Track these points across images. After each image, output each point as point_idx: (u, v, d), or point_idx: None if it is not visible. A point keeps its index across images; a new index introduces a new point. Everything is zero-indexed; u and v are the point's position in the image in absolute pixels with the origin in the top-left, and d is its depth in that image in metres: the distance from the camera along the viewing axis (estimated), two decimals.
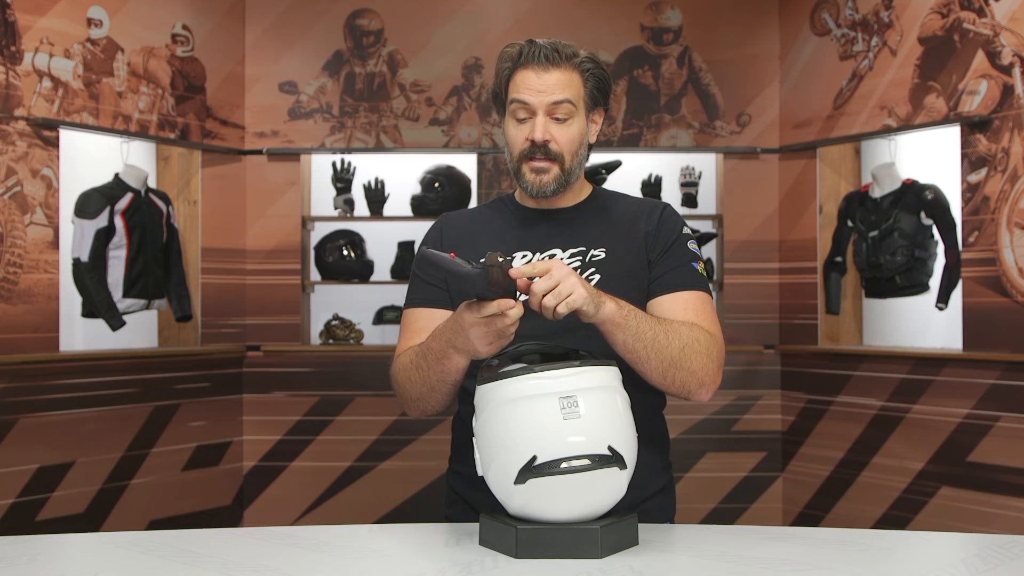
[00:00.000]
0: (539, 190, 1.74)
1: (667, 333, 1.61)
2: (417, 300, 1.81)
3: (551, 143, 1.71)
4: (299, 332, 4.69)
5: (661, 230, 1.78)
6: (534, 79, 1.70)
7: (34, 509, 3.80)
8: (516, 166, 1.75)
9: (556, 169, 1.72)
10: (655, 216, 1.80)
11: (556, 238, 1.77)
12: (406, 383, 1.71)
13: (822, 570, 1.37)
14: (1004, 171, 3.71)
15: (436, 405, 1.71)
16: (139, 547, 1.51)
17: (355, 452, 4.62)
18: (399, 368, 1.74)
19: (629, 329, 1.56)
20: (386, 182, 4.76)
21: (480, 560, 1.41)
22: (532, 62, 1.70)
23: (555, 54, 1.70)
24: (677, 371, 1.62)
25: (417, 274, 1.83)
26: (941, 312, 4.11)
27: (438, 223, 1.88)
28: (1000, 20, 3.73)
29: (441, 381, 1.64)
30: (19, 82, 3.78)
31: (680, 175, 4.82)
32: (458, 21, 4.74)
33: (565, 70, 1.71)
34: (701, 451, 4.63)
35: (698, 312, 1.71)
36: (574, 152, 1.74)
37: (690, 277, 1.74)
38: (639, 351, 1.58)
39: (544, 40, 1.72)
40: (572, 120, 1.72)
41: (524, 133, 1.72)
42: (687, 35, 4.76)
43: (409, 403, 1.74)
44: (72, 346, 4.14)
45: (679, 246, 1.77)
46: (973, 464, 3.81)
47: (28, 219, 3.78)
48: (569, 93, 1.71)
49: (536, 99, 1.70)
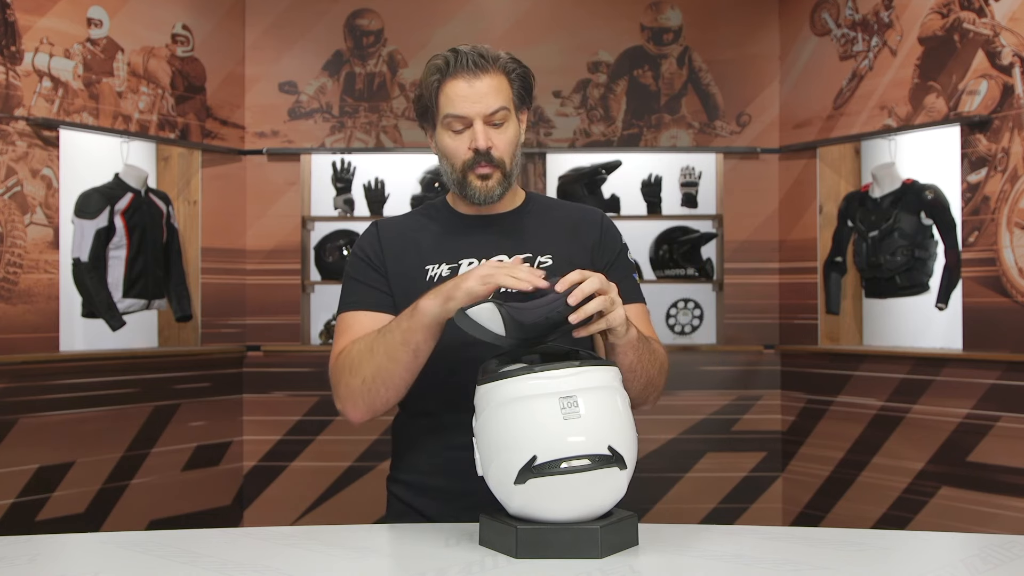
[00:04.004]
0: (486, 196, 1.73)
1: (652, 354, 1.66)
2: (356, 303, 1.75)
3: (492, 149, 1.71)
4: (299, 332, 4.69)
5: (605, 241, 1.81)
6: (466, 88, 1.68)
7: (34, 509, 3.80)
8: (460, 176, 1.73)
9: (499, 174, 1.72)
10: (597, 225, 1.82)
11: (501, 244, 1.76)
12: (351, 372, 1.63)
13: (822, 570, 1.37)
14: (1004, 171, 3.71)
15: (388, 387, 1.61)
16: (139, 547, 1.51)
17: (355, 452, 4.62)
18: (346, 355, 1.65)
19: (637, 352, 1.60)
20: (386, 182, 4.77)
21: (480, 560, 1.41)
22: (462, 71, 1.68)
23: (482, 60, 1.69)
24: (650, 388, 1.68)
25: (354, 277, 1.77)
26: (941, 312, 4.11)
27: (373, 228, 1.83)
28: (1000, 20, 3.73)
29: (403, 345, 1.56)
30: (19, 82, 3.78)
31: (680, 175, 4.82)
32: (458, 21, 4.74)
33: (493, 75, 1.70)
34: (701, 451, 4.63)
35: (646, 326, 1.76)
36: (512, 154, 1.74)
37: (633, 290, 1.78)
38: (637, 371, 1.62)
39: (468, 47, 1.71)
40: (507, 124, 1.72)
41: (465, 143, 1.71)
42: (687, 35, 4.76)
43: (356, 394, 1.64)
44: (72, 346, 4.14)
45: (622, 258, 1.81)
46: (973, 464, 3.81)
47: (28, 219, 3.78)
48: (501, 98, 1.70)
49: (472, 109, 1.68)
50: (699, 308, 4.84)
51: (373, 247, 1.79)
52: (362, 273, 1.77)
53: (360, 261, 1.78)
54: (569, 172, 4.74)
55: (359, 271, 1.77)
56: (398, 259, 1.76)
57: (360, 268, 1.78)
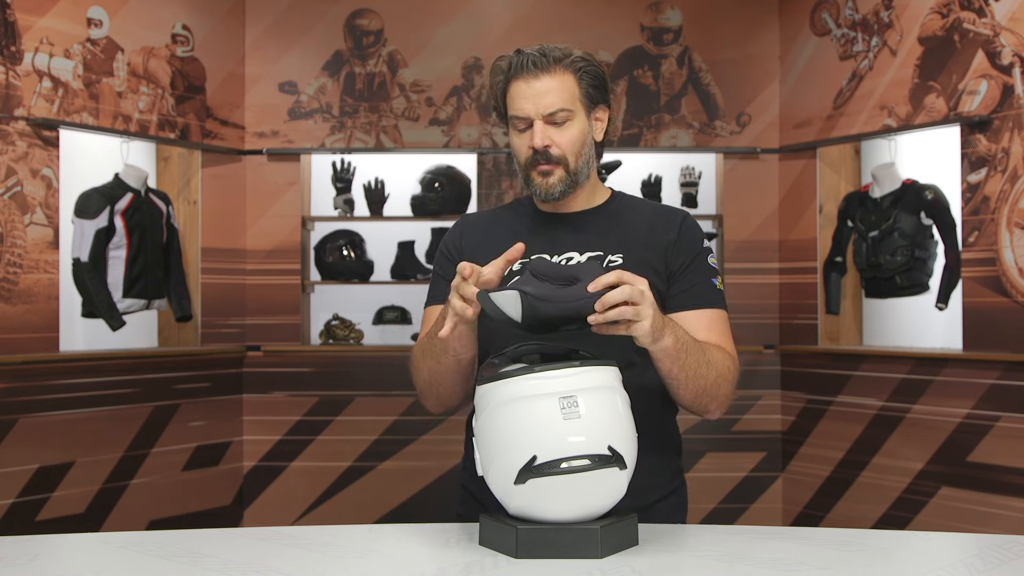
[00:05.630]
0: (547, 193, 1.75)
1: (708, 364, 1.62)
2: (437, 297, 1.82)
3: (552, 148, 1.72)
4: (299, 332, 4.69)
5: (683, 242, 1.77)
6: (526, 89, 1.71)
7: (34, 509, 3.80)
8: (525, 174, 1.77)
9: (561, 171, 1.73)
10: (675, 225, 1.79)
11: (573, 241, 1.78)
12: (416, 366, 1.75)
13: (822, 570, 1.37)
14: (1004, 171, 3.71)
15: (446, 388, 1.72)
16: (139, 547, 1.51)
17: (355, 452, 4.62)
18: (415, 352, 1.76)
19: (678, 362, 1.58)
20: (386, 182, 4.76)
21: (480, 560, 1.41)
22: (522, 72, 1.71)
23: (543, 59, 1.71)
24: (705, 397, 1.65)
25: (438, 272, 1.85)
26: (941, 312, 4.11)
27: (458, 224, 1.91)
28: (1000, 20, 3.73)
29: (444, 352, 1.64)
30: (19, 82, 3.78)
31: (680, 175, 4.82)
32: (458, 21, 4.74)
33: (556, 74, 1.71)
34: (701, 451, 4.63)
35: (720, 333, 1.73)
36: (577, 153, 1.74)
37: (712, 295, 1.75)
38: (680, 379, 1.60)
39: (532, 47, 1.73)
40: (571, 122, 1.73)
41: (526, 142, 1.74)
42: (687, 35, 4.76)
43: (422, 390, 1.76)
44: (72, 346, 4.14)
45: (701, 260, 1.77)
46: (973, 464, 3.81)
47: (28, 219, 3.78)
48: (562, 97, 1.71)
49: (531, 108, 1.71)
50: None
51: (455, 241, 1.86)
52: (442, 267, 1.84)
53: (442, 255, 1.86)
54: None
55: (440, 265, 1.85)
56: (476, 253, 1.77)
57: (442, 262, 1.85)
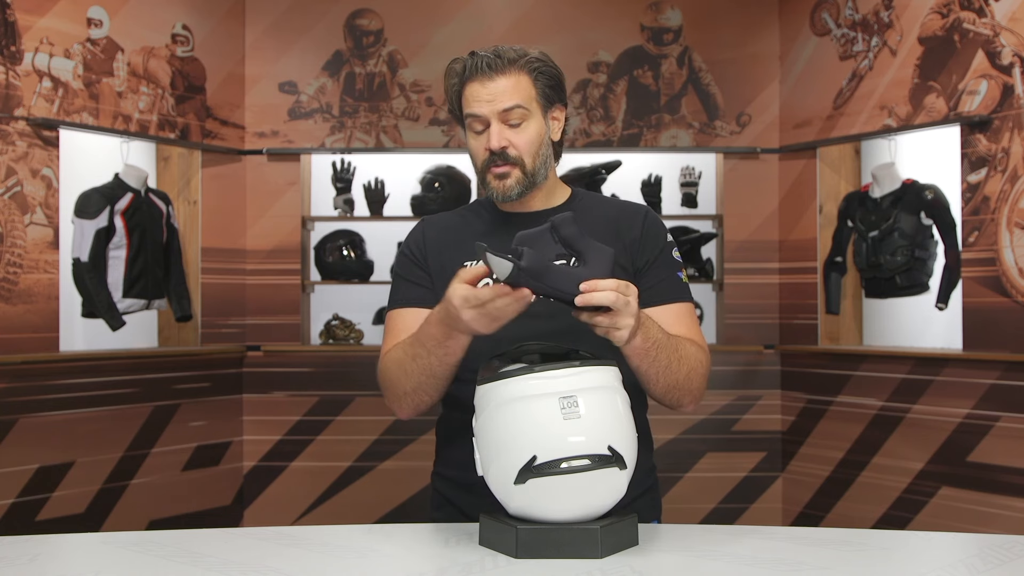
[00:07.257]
0: (504, 194, 1.75)
1: (679, 359, 1.62)
2: (402, 300, 1.79)
3: (508, 148, 1.72)
4: (299, 332, 4.69)
5: (647, 238, 1.78)
6: (481, 90, 1.71)
7: (34, 509, 3.80)
8: (481, 176, 1.77)
9: (518, 172, 1.73)
10: (638, 222, 1.80)
11: None
12: (400, 376, 1.67)
13: (822, 570, 1.37)
14: (1004, 171, 3.71)
15: (431, 395, 1.67)
16: (139, 547, 1.51)
17: (355, 452, 4.62)
18: (390, 362, 1.70)
19: (648, 358, 1.58)
20: (386, 182, 4.76)
21: (480, 560, 1.41)
22: (476, 73, 1.71)
23: (498, 60, 1.70)
24: (678, 391, 1.66)
25: (400, 274, 1.82)
26: (941, 312, 4.11)
27: (420, 226, 1.89)
28: (1000, 20, 3.73)
29: (441, 364, 1.60)
30: (19, 82, 3.78)
31: (680, 175, 4.82)
32: (458, 21, 4.74)
33: (511, 74, 1.71)
34: (701, 451, 4.63)
35: (689, 326, 1.74)
36: (534, 153, 1.75)
37: (678, 289, 1.76)
38: (651, 375, 1.61)
39: (486, 49, 1.73)
40: (527, 122, 1.73)
41: (483, 143, 1.73)
42: (687, 35, 4.76)
43: (402, 399, 1.69)
44: (72, 346, 4.14)
45: (666, 255, 1.78)
46: (973, 464, 3.81)
47: (28, 219, 3.78)
48: (518, 97, 1.71)
49: (486, 109, 1.71)
50: (699, 308, 4.83)
51: (418, 243, 1.84)
52: (407, 270, 1.82)
53: (405, 258, 1.84)
54: (569, 172, 4.73)
55: (404, 268, 1.83)
56: (440, 255, 1.78)
57: (405, 265, 1.83)
